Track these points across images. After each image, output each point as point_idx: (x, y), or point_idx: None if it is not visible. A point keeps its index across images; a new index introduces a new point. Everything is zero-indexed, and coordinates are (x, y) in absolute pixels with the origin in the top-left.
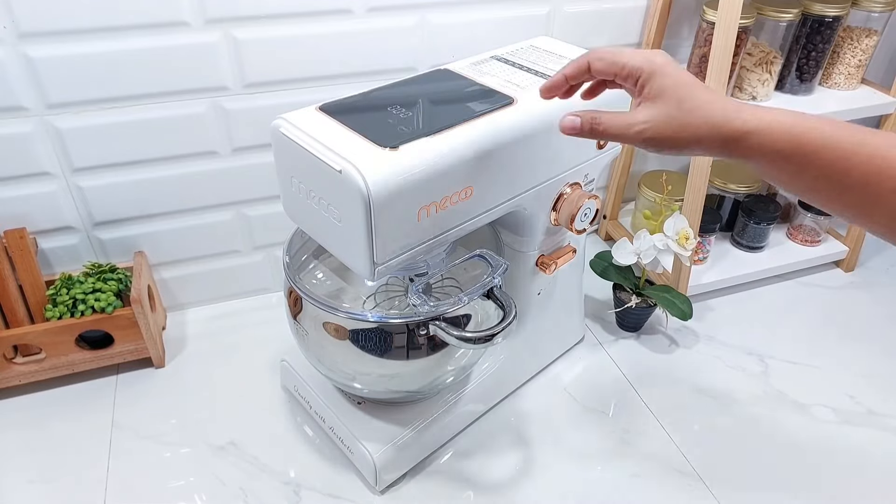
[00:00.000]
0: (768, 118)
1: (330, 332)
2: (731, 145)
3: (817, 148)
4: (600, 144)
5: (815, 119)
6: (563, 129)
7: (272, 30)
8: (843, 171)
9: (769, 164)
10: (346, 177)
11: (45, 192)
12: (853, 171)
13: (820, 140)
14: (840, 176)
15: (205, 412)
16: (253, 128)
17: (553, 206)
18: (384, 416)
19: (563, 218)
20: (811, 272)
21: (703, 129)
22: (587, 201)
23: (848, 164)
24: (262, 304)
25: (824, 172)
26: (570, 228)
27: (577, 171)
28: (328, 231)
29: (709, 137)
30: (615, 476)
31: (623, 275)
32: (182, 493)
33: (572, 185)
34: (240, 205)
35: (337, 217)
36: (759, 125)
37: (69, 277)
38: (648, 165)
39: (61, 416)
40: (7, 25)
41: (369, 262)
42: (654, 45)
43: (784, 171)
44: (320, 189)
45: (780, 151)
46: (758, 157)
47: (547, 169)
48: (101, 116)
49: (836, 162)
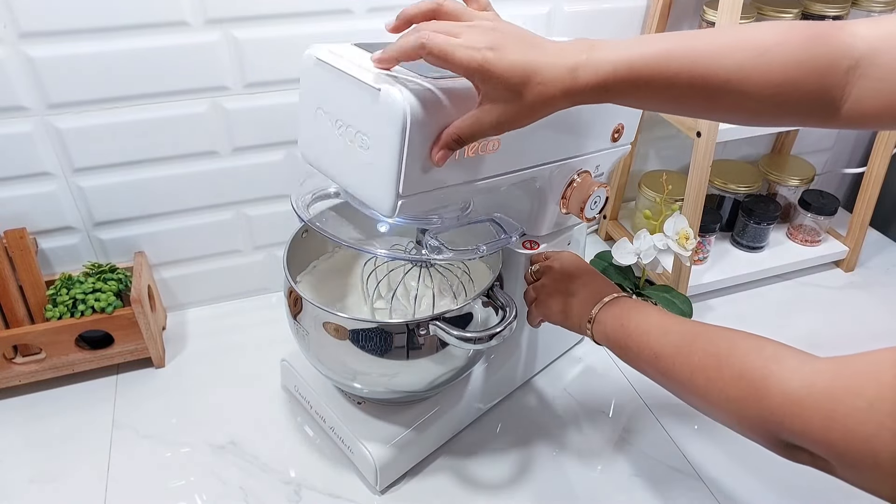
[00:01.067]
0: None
1: (330, 332)
2: (577, 71)
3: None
4: (614, 137)
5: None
6: (440, 163)
7: (272, 30)
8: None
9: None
10: (385, 95)
11: (45, 192)
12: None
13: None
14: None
15: (205, 412)
16: (253, 128)
17: (563, 194)
18: (384, 416)
19: (573, 204)
20: (811, 272)
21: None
22: (597, 189)
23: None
24: (262, 304)
25: None
26: (580, 216)
27: (591, 159)
28: (351, 165)
29: (555, 76)
30: (615, 476)
31: (623, 275)
32: (182, 493)
33: (582, 174)
34: (240, 205)
35: (365, 145)
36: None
37: (69, 277)
38: (649, 165)
39: (61, 416)
40: (7, 25)
41: (393, 194)
42: None
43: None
44: (351, 115)
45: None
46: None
47: (568, 145)
48: (101, 116)
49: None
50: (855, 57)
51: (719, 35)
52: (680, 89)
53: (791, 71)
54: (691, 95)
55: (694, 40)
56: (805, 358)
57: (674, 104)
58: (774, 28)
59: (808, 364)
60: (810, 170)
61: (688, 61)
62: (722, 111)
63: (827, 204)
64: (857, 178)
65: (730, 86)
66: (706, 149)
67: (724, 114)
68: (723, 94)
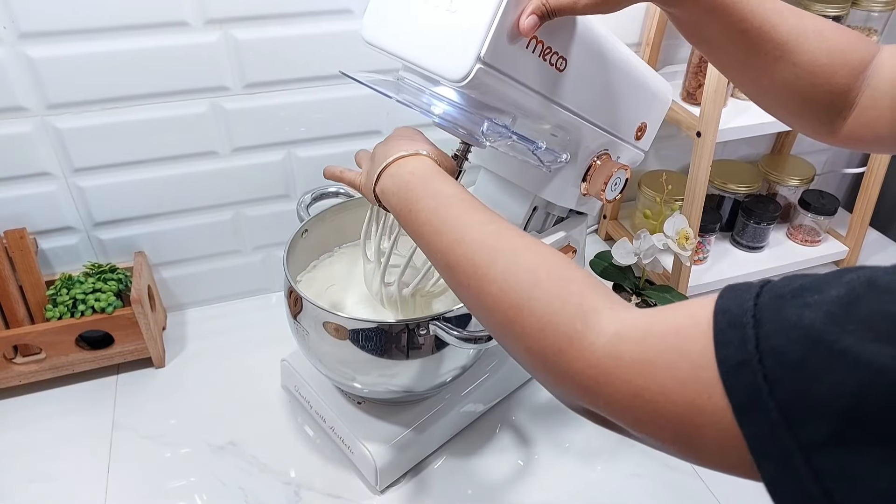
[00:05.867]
0: None
1: (330, 332)
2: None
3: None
4: (637, 135)
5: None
6: (525, 32)
7: (272, 30)
8: None
9: None
10: None
11: (45, 192)
12: None
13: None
14: None
15: (205, 412)
16: (253, 128)
17: (584, 177)
18: (384, 416)
19: (594, 185)
20: (811, 272)
21: None
22: (618, 170)
23: None
24: (262, 304)
25: None
26: (601, 197)
27: (615, 144)
28: (429, 32)
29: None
30: (615, 476)
31: (623, 275)
32: (182, 493)
33: (602, 156)
34: (240, 205)
35: (452, 8)
36: None
37: (69, 277)
38: (649, 165)
39: (61, 416)
40: (7, 25)
41: (473, 56)
42: (654, 45)
43: None
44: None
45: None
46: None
47: (607, 112)
48: (101, 116)
49: None
50: (873, 69)
51: (788, 6)
52: (743, 30)
53: (836, 57)
54: (748, 40)
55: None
56: (617, 309)
57: (727, 42)
58: (827, 20)
59: (618, 321)
60: (810, 170)
61: (762, 9)
62: (758, 69)
63: (827, 204)
64: (857, 178)
65: (786, 47)
66: (706, 149)
67: (758, 73)
68: (774, 53)
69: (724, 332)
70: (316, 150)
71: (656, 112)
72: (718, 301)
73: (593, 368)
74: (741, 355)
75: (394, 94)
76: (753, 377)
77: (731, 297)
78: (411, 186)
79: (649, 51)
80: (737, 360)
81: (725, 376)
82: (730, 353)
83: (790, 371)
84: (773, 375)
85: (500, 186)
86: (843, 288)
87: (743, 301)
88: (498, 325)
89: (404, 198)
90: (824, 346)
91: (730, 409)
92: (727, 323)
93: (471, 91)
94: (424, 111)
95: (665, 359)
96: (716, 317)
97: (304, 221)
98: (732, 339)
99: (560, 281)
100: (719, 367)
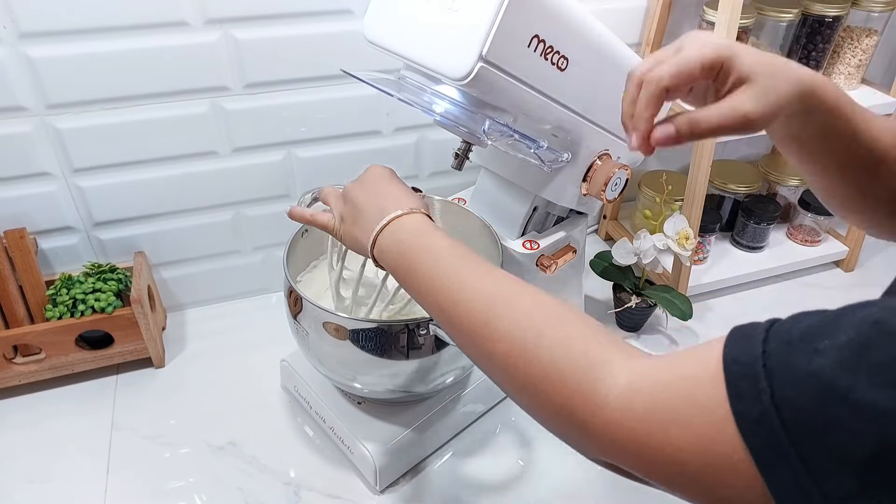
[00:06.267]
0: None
1: (330, 332)
2: (808, 96)
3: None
4: None
5: None
6: (658, 142)
7: (272, 30)
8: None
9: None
10: None
11: (45, 192)
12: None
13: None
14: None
15: (204, 412)
16: (253, 128)
17: (584, 177)
18: (384, 416)
19: (595, 185)
20: (811, 272)
21: (784, 87)
22: (618, 171)
23: None
24: (262, 304)
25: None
26: (601, 197)
27: (616, 144)
28: (430, 32)
29: (789, 94)
30: (615, 476)
31: (623, 275)
32: (182, 493)
33: (603, 156)
34: (240, 205)
35: (455, 7)
36: (815, 78)
37: (69, 277)
38: (649, 165)
39: (61, 416)
40: (7, 25)
41: (475, 55)
42: (655, 45)
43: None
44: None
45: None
46: (824, 106)
47: (608, 114)
48: (101, 116)
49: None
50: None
51: (876, 116)
52: (844, 140)
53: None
54: (845, 149)
55: (864, 111)
56: (624, 358)
57: (824, 149)
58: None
59: (628, 372)
60: None
61: (860, 119)
62: (851, 180)
63: None
64: None
65: (884, 163)
66: (706, 149)
67: (854, 180)
68: (869, 166)
69: (737, 385)
70: (316, 150)
71: None
72: (726, 348)
73: (610, 427)
74: (758, 408)
75: (395, 92)
76: (772, 429)
77: (738, 344)
78: (409, 246)
79: (649, 51)
80: (754, 414)
81: (745, 431)
82: (746, 406)
83: (807, 420)
84: (791, 426)
85: (500, 186)
86: (852, 331)
87: (752, 348)
88: (508, 382)
89: (404, 256)
90: (838, 394)
91: (751, 461)
92: (739, 374)
93: (472, 90)
94: (426, 110)
95: (681, 413)
96: (726, 367)
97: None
98: (747, 393)
99: (562, 329)
100: (737, 422)
